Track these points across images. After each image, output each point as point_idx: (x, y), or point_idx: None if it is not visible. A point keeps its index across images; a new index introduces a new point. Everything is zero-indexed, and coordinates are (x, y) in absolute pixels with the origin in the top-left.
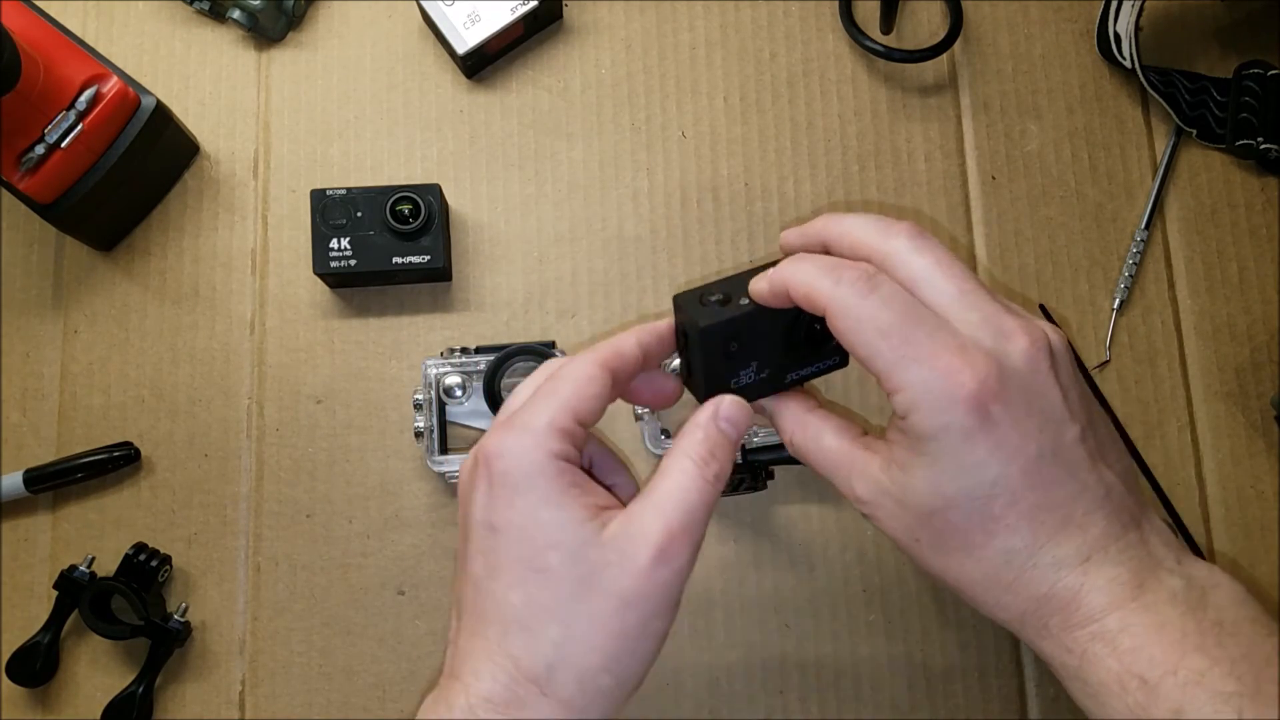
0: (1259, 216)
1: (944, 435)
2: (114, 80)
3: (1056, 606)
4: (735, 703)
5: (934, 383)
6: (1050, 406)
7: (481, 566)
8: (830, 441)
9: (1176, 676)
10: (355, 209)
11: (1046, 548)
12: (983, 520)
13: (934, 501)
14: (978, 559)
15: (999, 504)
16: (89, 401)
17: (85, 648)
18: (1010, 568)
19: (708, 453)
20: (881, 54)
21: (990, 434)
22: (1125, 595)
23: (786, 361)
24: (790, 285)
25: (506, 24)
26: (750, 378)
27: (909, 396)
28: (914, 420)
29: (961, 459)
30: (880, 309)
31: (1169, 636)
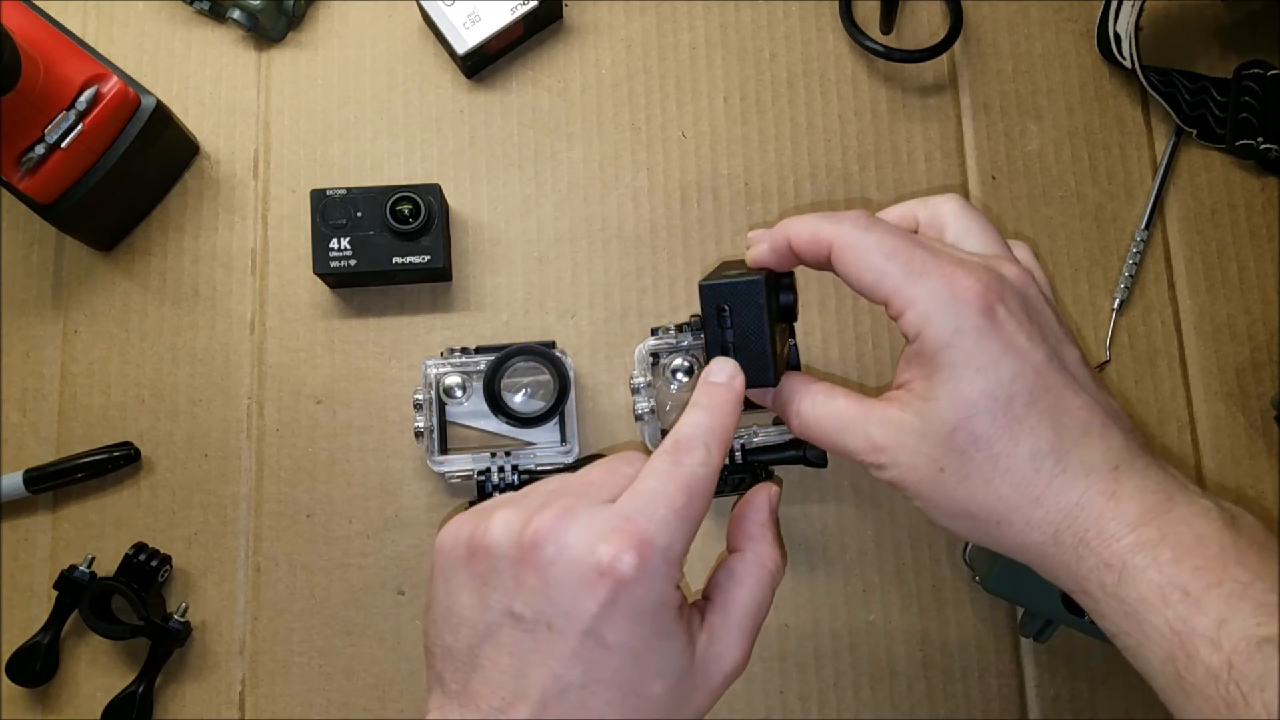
0: (1259, 216)
1: (958, 339)
2: (114, 80)
3: (1092, 517)
4: (735, 703)
5: (941, 290)
6: (1048, 322)
7: (579, 675)
8: (841, 401)
9: (1221, 588)
10: (355, 209)
11: (1073, 451)
12: (1007, 422)
13: (959, 411)
14: (1006, 471)
15: (1019, 403)
16: (89, 401)
17: (85, 648)
18: (1040, 475)
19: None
20: (881, 54)
21: (999, 333)
22: (1160, 507)
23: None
24: (791, 234)
25: (506, 24)
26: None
27: (919, 310)
28: (926, 333)
29: (978, 359)
30: (883, 236)
31: (1209, 549)
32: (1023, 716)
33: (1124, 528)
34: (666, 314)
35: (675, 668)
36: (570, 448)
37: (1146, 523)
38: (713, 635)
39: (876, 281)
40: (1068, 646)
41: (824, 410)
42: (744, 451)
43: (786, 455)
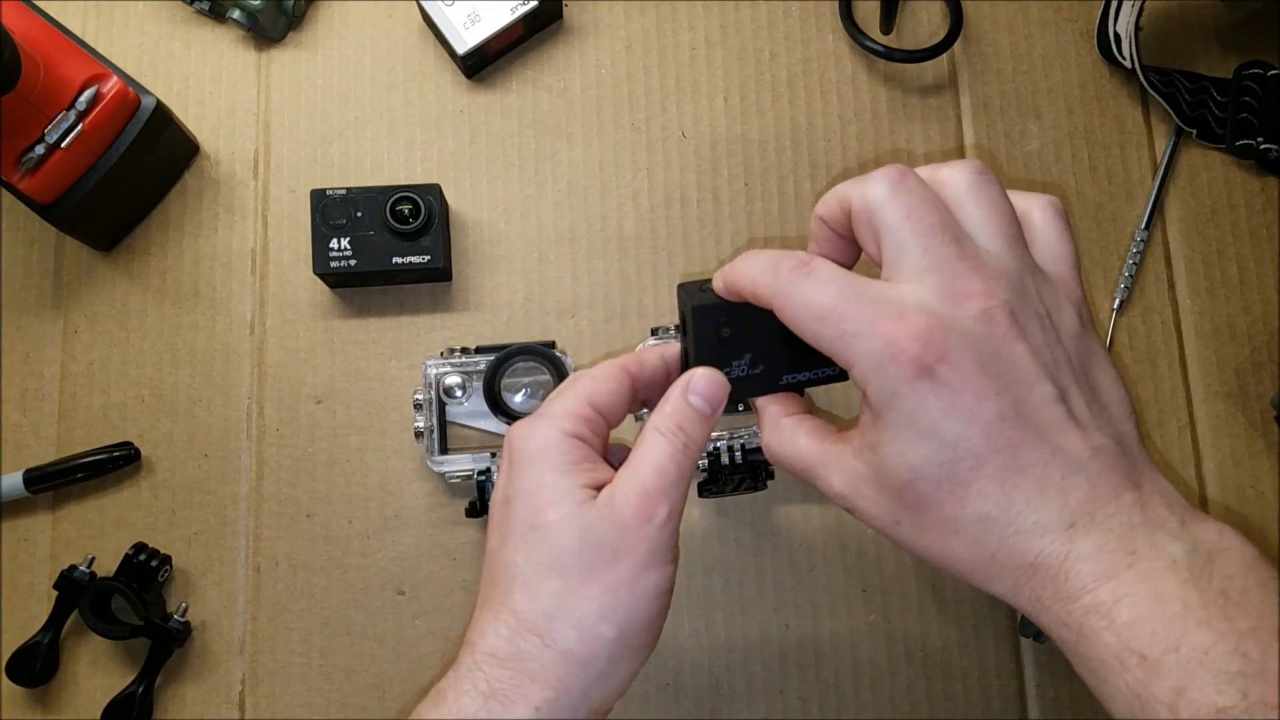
0: (1259, 216)
1: (896, 400)
2: (114, 80)
3: (1046, 577)
4: (735, 703)
5: (875, 350)
6: (1011, 367)
7: (496, 538)
8: (804, 441)
9: (1179, 654)
10: (355, 209)
11: (1024, 512)
12: (951, 486)
13: (903, 474)
14: (957, 531)
15: (964, 467)
16: (89, 401)
17: (85, 648)
18: (990, 536)
19: (675, 425)
20: (881, 54)
21: (941, 394)
22: (1118, 563)
23: (784, 361)
24: (739, 283)
25: (506, 24)
26: (743, 370)
27: (858, 371)
28: (869, 393)
29: (917, 423)
30: (816, 292)
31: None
32: (1023, 716)
33: (1077, 590)
34: (666, 314)
35: (568, 500)
36: None
37: (1103, 582)
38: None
39: (816, 343)
40: None
41: (788, 449)
42: (743, 451)
43: None
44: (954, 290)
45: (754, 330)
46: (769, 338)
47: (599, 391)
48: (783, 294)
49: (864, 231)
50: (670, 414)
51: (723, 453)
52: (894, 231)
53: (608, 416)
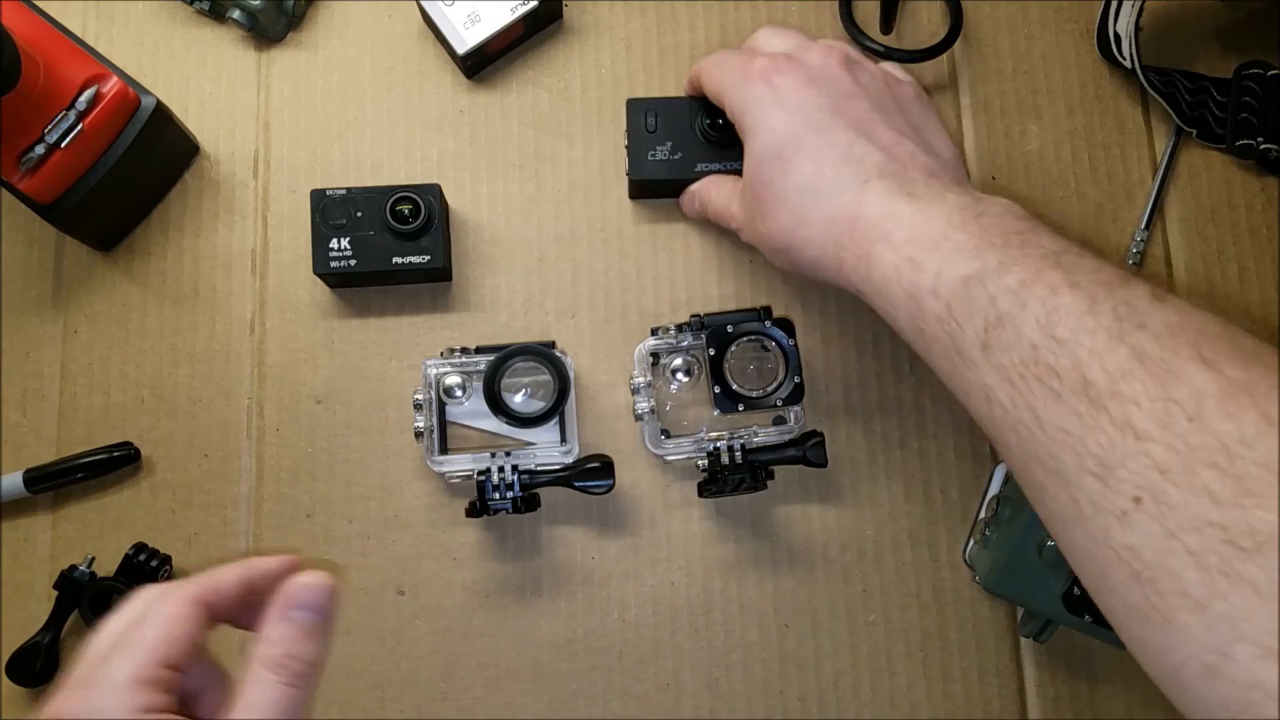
0: (1259, 216)
1: (749, 107)
2: (114, 80)
3: (844, 224)
4: (735, 703)
5: (738, 77)
6: (837, 83)
7: None
8: (724, 185)
9: (939, 250)
10: (355, 209)
11: (829, 176)
12: (779, 165)
13: (751, 167)
14: (782, 203)
15: (788, 147)
16: (89, 401)
17: None
18: (805, 201)
19: (282, 655)
20: (881, 54)
21: (776, 97)
22: (900, 204)
23: (698, 153)
24: (696, 72)
25: (506, 24)
26: (665, 155)
27: (729, 97)
28: (733, 111)
29: (760, 120)
30: (720, 55)
31: (934, 225)
32: (1023, 716)
33: (867, 227)
34: (666, 314)
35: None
36: (570, 447)
37: (886, 219)
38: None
39: (711, 86)
40: (1068, 646)
41: (712, 197)
42: (743, 451)
43: (786, 455)
44: (804, 44)
45: (675, 123)
46: (688, 130)
47: (170, 641)
48: (702, 64)
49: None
50: (275, 641)
51: (723, 453)
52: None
53: (185, 665)
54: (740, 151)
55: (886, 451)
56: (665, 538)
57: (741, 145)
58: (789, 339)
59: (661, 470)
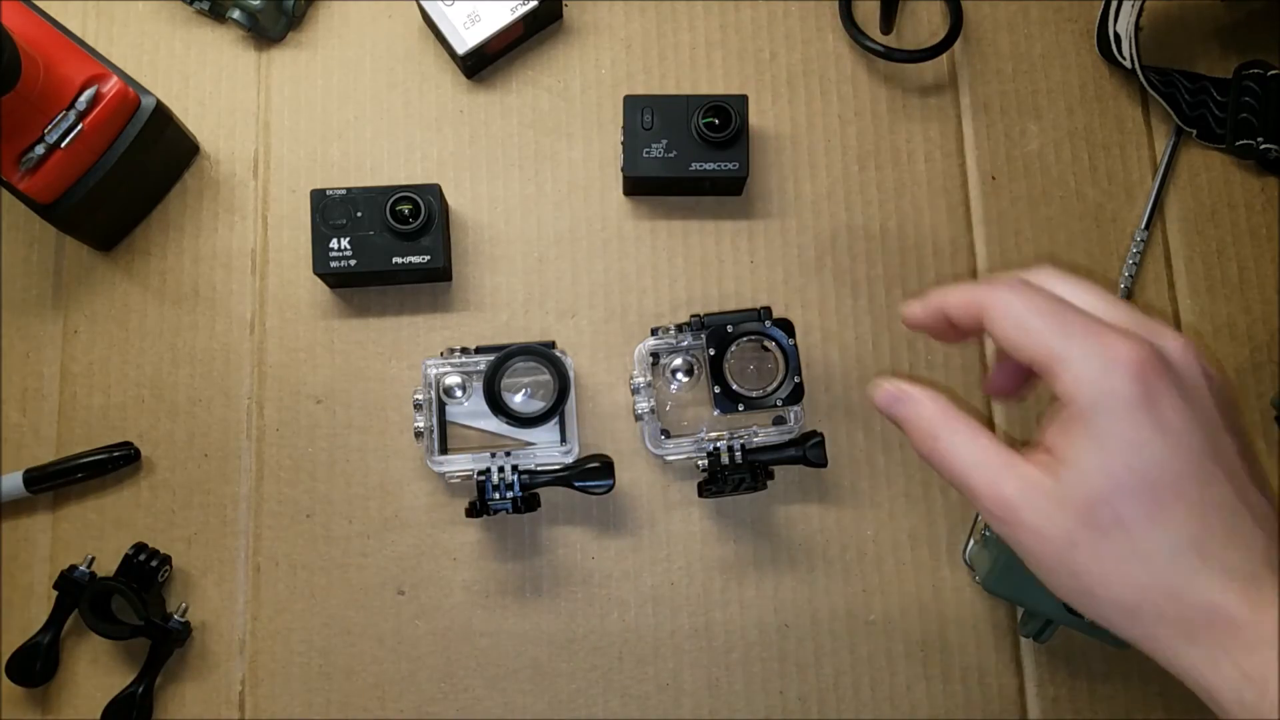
0: (1259, 216)
1: (1110, 406)
2: (114, 80)
3: (1232, 624)
4: (735, 703)
5: (1096, 352)
6: (1206, 408)
7: None
8: (979, 440)
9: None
10: (355, 209)
11: (1215, 551)
12: (1152, 507)
13: (1102, 485)
14: (1143, 558)
15: (1167, 489)
16: (89, 401)
17: (85, 648)
18: (1177, 569)
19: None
20: (881, 54)
21: (1154, 409)
22: (1267, 613)
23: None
24: (948, 301)
25: (506, 24)
26: (659, 153)
27: (1072, 371)
28: (1078, 394)
29: (1129, 433)
30: (1036, 298)
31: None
32: (1023, 716)
33: (1266, 643)
34: (666, 314)
35: None
36: (570, 447)
37: (1252, 626)
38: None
39: (1030, 341)
40: (1068, 646)
41: (958, 440)
42: (743, 451)
43: (786, 455)
44: (1150, 326)
45: (671, 121)
46: (684, 128)
47: None
48: (1000, 298)
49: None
50: None
51: (723, 453)
52: (1069, 293)
53: None
54: (737, 153)
55: (886, 451)
56: (665, 538)
57: (738, 147)
58: (789, 339)
59: (661, 470)
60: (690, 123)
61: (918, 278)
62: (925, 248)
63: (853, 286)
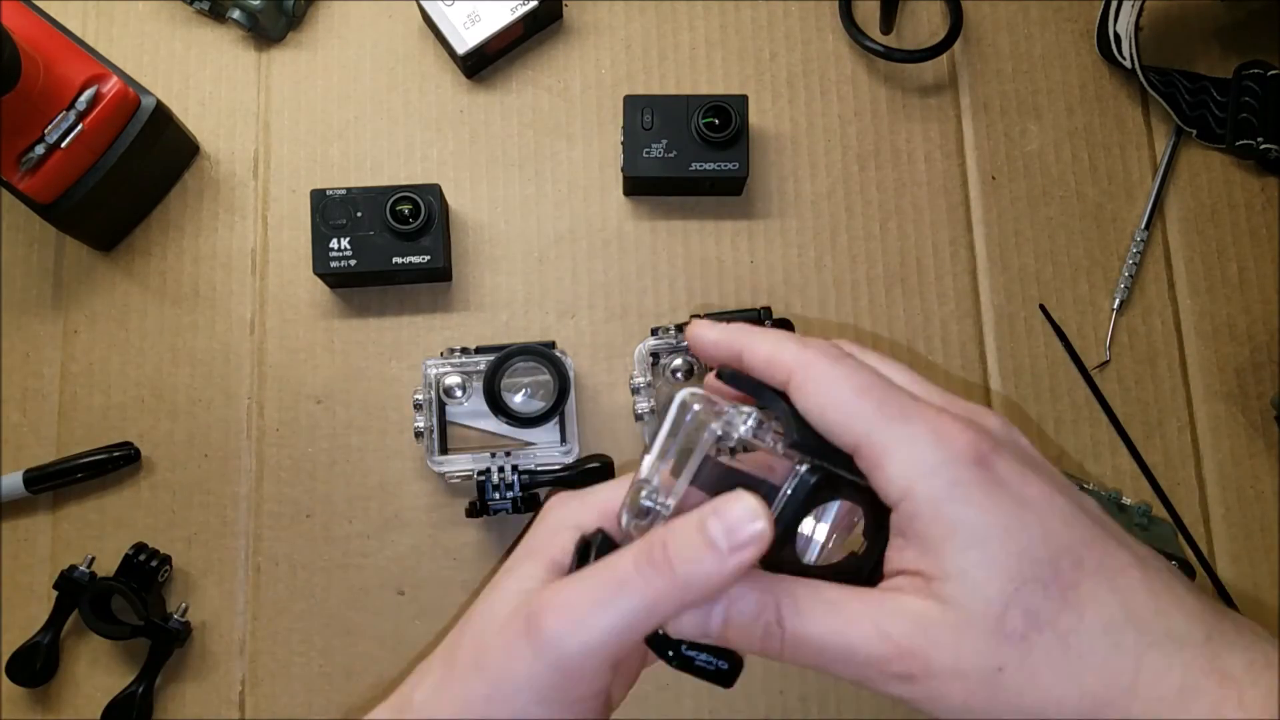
0: (1259, 216)
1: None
2: (114, 80)
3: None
4: (735, 703)
5: (926, 437)
6: (1053, 473)
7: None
8: (833, 592)
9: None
10: (355, 209)
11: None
12: (1062, 590)
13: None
14: (1080, 655)
15: (1068, 567)
16: (89, 401)
17: (85, 648)
18: (1124, 654)
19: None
20: (881, 54)
21: (1006, 488)
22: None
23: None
24: (746, 347)
25: (506, 24)
26: (659, 153)
27: (900, 462)
28: (917, 490)
29: (996, 518)
30: (856, 370)
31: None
32: None
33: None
34: (666, 314)
35: None
36: (570, 447)
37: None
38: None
39: (845, 422)
40: None
41: (818, 616)
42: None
43: None
44: (967, 407)
45: (671, 121)
46: (684, 128)
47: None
48: (813, 365)
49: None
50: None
51: None
52: (879, 368)
53: None
54: (737, 153)
55: None
56: None
57: (738, 147)
58: None
59: None
60: (690, 123)
61: (918, 278)
62: (925, 248)
63: (852, 286)
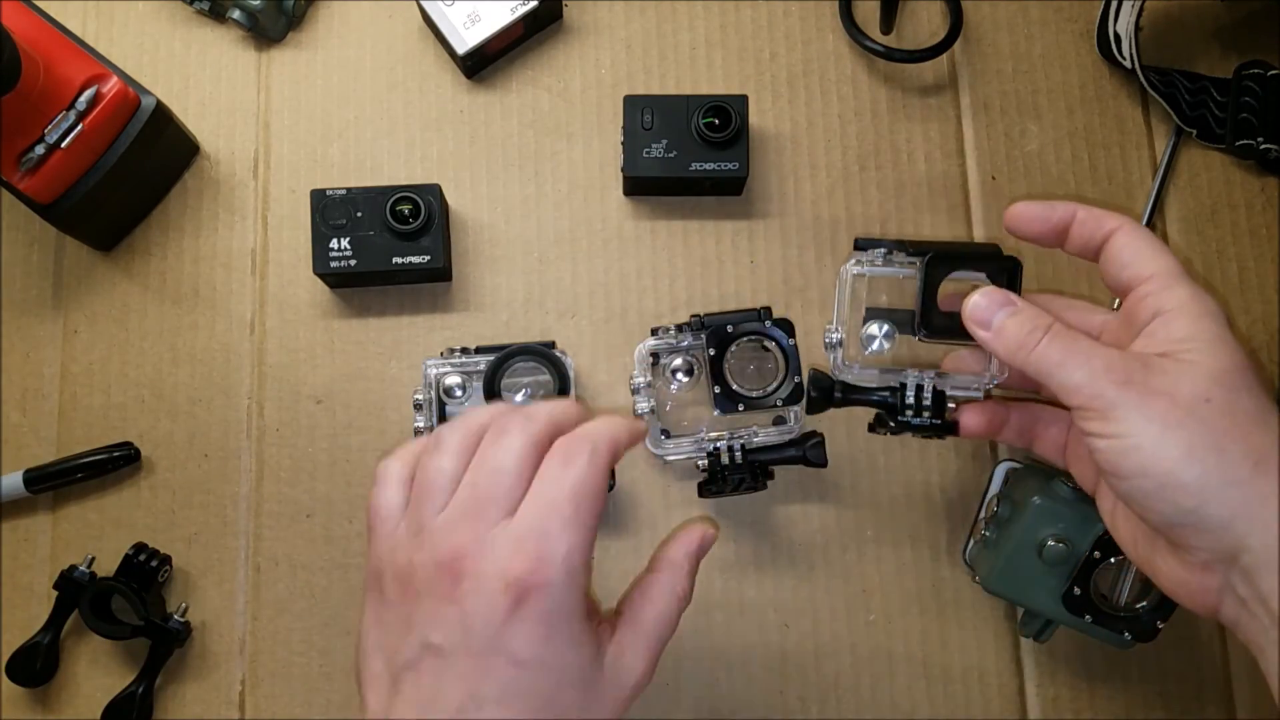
0: (1259, 216)
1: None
2: (114, 80)
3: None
4: (735, 703)
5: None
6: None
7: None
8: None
9: None
10: (355, 209)
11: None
12: (1263, 387)
13: (1230, 359)
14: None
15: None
16: (89, 401)
17: (85, 648)
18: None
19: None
20: (881, 54)
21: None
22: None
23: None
24: (1079, 213)
25: (506, 24)
26: (659, 153)
27: (1178, 301)
28: (1191, 307)
29: (1228, 340)
30: (1155, 239)
31: None
32: (1023, 716)
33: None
34: (666, 314)
35: (584, 677)
36: None
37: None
38: (621, 648)
39: (1148, 269)
40: (1067, 646)
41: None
42: (743, 451)
43: (786, 455)
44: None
45: (671, 121)
46: (684, 128)
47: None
48: (1133, 228)
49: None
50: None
51: (723, 453)
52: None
53: None
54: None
55: (886, 452)
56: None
57: (738, 147)
58: (789, 339)
59: (661, 470)
60: (690, 123)
61: None
62: None
63: None
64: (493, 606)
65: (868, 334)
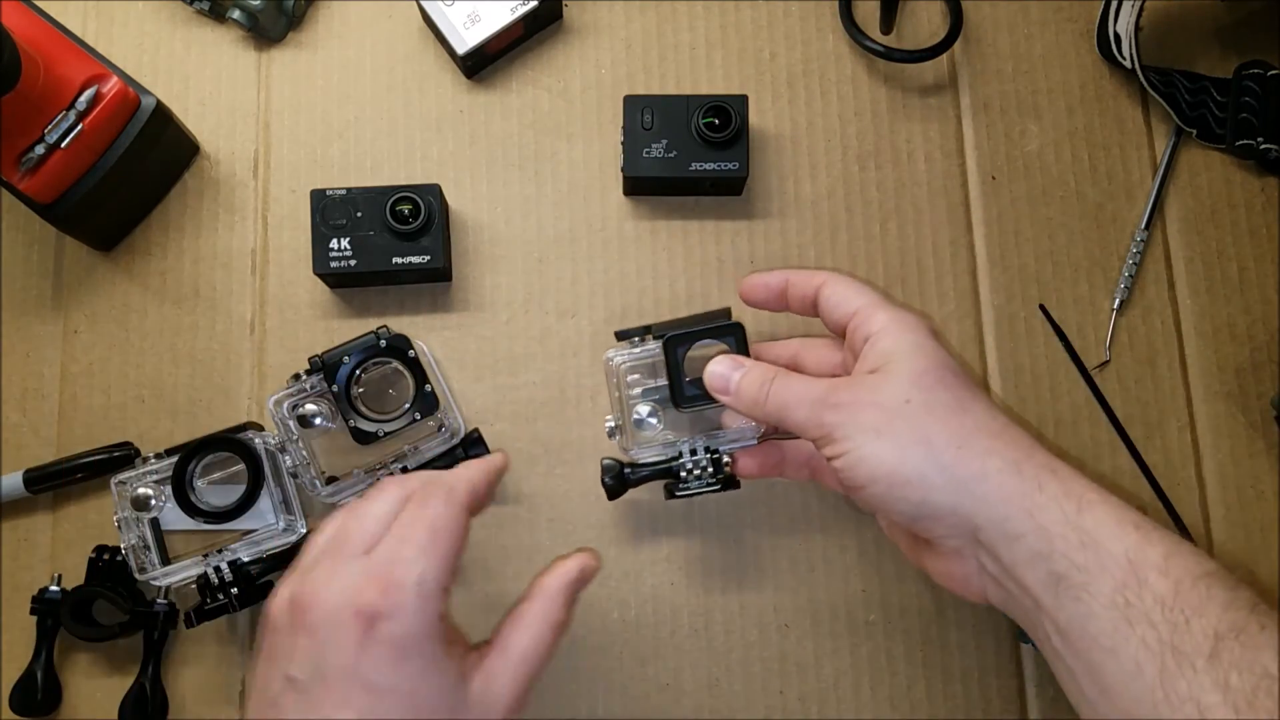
0: (1259, 216)
1: (914, 338)
2: (114, 80)
3: (1050, 456)
4: (735, 703)
5: (902, 316)
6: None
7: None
8: (798, 379)
9: (1159, 531)
10: (355, 209)
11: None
12: (962, 382)
13: (928, 360)
14: (966, 409)
15: (962, 380)
16: (89, 401)
17: (81, 664)
18: (996, 420)
19: (561, 620)
20: (881, 54)
21: (941, 345)
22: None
23: (692, 151)
24: (790, 278)
25: (506, 24)
26: (659, 153)
27: (881, 323)
28: (889, 328)
29: (931, 351)
30: (856, 280)
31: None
32: (1023, 716)
33: (1075, 475)
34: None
35: (446, 703)
36: (293, 521)
37: (1087, 479)
38: (489, 676)
39: (854, 305)
40: None
41: (792, 385)
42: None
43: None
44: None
45: (671, 121)
46: (684, 128)
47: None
48: (834, 278)
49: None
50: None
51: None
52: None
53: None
54: (737, 153)
55: None
56: (665, 538)
57: (738, 147)
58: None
59: None
60: (690, 123)
61: (917, 278)
62: (925, 248)
63: None
64: (345, 635)
65: (637, 417)
